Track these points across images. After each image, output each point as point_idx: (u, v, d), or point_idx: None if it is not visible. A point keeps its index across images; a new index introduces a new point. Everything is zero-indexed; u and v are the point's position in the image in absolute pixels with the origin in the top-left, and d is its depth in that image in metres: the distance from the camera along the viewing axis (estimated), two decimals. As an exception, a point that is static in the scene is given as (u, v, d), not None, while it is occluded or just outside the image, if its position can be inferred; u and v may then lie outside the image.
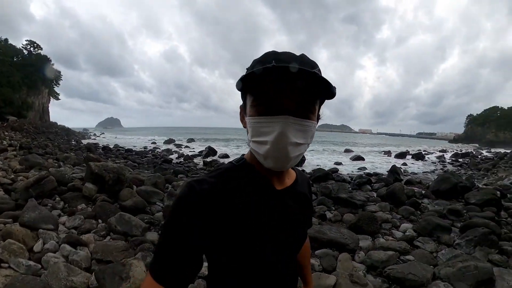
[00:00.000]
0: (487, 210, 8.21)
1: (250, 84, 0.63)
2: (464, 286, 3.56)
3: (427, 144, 68.05)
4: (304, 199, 0.87)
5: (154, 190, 6.56)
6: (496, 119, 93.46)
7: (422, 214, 7.77)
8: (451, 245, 5.50)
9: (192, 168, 15.32)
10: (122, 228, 4.35)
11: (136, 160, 16.67)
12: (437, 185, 11.10)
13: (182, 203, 0.65)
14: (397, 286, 3.56)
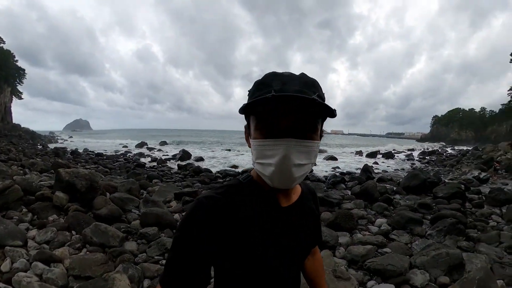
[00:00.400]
0: (454, 202, 8.73)
1: (252, 109, 0.67)
2: (438, 271, 3.77)
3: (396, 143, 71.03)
4: (310, 213, 0.88)
5: (129, 197, 6.28)
6: (458, 119, 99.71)
7: (395, 209, 8.11)
8: (423, 236, 5.80)
9: (166, 172, 14.90)
10: (98, 239, 4.08)
11: (107, 165, 15.80)
12: (407, 181, 11.66)
13: (192, 218, 0.68)
14: (378, 277, 3.70)
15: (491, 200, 9.61)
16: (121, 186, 7.14)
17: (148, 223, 4.92)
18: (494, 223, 7.19)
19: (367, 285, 3.54)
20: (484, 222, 7.11)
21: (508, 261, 4.74)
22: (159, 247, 4.16)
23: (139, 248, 4.27)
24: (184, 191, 7.76)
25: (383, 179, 14.16)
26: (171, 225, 5.09)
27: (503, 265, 4.49)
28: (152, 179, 11.23)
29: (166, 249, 4.07)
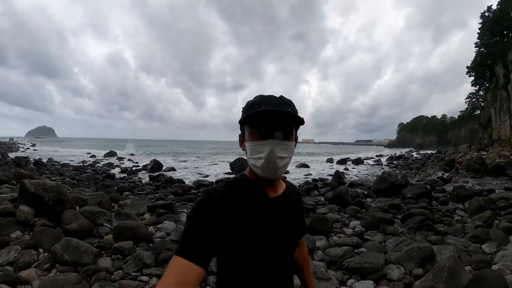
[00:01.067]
0: (421, 201, 9.18)
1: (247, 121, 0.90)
2: (412, 264, 3.94)
3: (365, 150, 73.59)
4: (294, 206, 1.07)
5: (100, 210, 5.91)
6: (422, 126, 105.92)
7: (367, 211, 8.36)
8: (395, 234, 6.04)
9: (137, 183, 14.20)
10: (70, 256, 3.74)
11: (74, 177, 14.76)
12: (377, 185, 12.12)
13: (202, 204, 0.85)
14: (357, 275, 3.80)
15: (455, 197, 10.24)
16: (91, 199, 6.75)
17: (122, 237, 4.62)
18: (458, 217, 7.65)
19: (347, 283, 3.61)
20: (449, 217, 7.55)
21: (473, 249, 5.09)
22: (135, 262, 3.89)
23: (114, 265, 3.99)
24: (158, 203, 7.51)
25: (354, 184, 14.59)
26: (146, 238, 4.81)
27: (469, 253, 4.81)
28: (123, 191, 10.74)
29: (144, 263, 3.83)
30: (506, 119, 30.35)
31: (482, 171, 17.75)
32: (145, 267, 3.80)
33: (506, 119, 30.45)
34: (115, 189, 10.76)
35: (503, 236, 5.54)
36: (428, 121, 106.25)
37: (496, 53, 33.07)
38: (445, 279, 3.17)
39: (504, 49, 31.17)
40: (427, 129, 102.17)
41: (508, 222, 6.44)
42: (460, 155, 28.44)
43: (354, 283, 3.52)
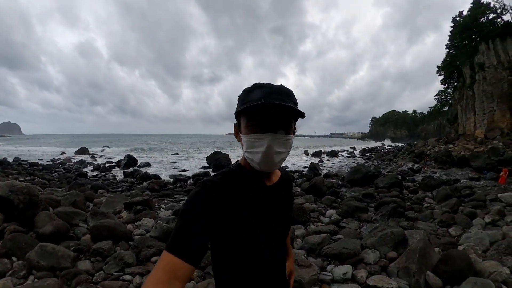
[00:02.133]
0: (393, 190, 9.61)
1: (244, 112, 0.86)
2: (386, 248, 4.16)
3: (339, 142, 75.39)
4: (287, 193, 1.08)
5: (74, 210, 5.59)
6: (394, 120, 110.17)
7: (342, 200, 8.63)
8: (370, 221, 6.34)
9: (111, 181, 13.78)
10: (47, 262, 3.53)
11: (45, 176, 13.96)
12: (351, 175, 12.55)
13: (197, 196, 0.83)
14: (336, 261, 3.95)
15: (424, 186, 10.83)
16: (64, 200, 6.40)
17: (100, 237, 4.41)
18: (427, 204, 8.11)
19: (327, 269, 3.74)
20: (419, 205, 7.99)
21: (441, 233, 5.47)
22: (116, 262, 3.73)
23: (94, 267, 3.80)
24: (135, 200, 7.29)
25: (329, 175, 15.01)
26: (125, 236, 4.65)
27: (438, 236, 5.18)
28: (97, 189, 10.38)
29: (125, 263, 3.70)
30: (471, 116, 32.78)
31: (449, 163, 18.84)
32: (127, 267, 3.69)
33: (471, 116, 32.89)
34: (89, 188, 10.38)
35: (467, 220, 6.00)
36: (400, 116, 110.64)
37: (464, 55, 35.75)
38: (417, 260, 3.38)
39: (472, 52, 33.89)
40: (398, 123, 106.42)
41: (471, 208, 6.98)
42: (428, 148, 30.02)
43: (334, 268, 3.65)
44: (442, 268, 3.32)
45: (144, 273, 3.55)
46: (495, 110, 29.86)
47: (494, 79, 30.24)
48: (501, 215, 6.33)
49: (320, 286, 3.31)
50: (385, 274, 3.60)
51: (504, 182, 11.46)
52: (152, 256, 3.98)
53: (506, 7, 33.89)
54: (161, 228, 4.63)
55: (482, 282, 2.99)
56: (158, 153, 36.92)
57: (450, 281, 3.21)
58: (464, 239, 4.78)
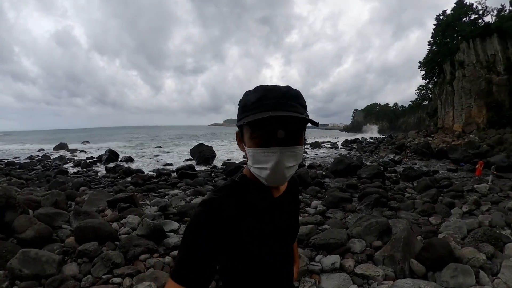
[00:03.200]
0: (375, 181, 9.89)
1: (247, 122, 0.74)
2: (372, 238, 4.29)
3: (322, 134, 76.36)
4: (295, 201, 1.03)
5: (56, 211, 5.39)
6: (375, 112, 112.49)
7: (327, 191, 8.80)
8: (354, 211, 6.50)
9: (93, 177, 13.51)
10: (30, 270, 3.32)
11: (22, 176, 13.40)
12: (334, 166, 12.81)
13: (197, 221, 0.75)
14: (324, 251, 4.03)
15: (405, 177, 11.17)
16: (45, 200, 6.08)
17: (85, 238, 4.24)
18: (409, 194, 8.41)
19: (315, 259, 3.82)
20: (401, 195, 8.25)
21: (422, 221, 5.71)
22: (104, 264, 3.60)
23: (81, 270, 3.66)
24: (118, 197, 7.07)
25: (313, 166, 15.25)
26: (111, 236, 4.50)
27: (419, 225, 5.40)
28: (78, 187, 10.11)
29: (113, 263, 3.59)
30: (450, 111, 34.40)
31: (428, 155, 19.51)
32: (115, 267, 3.59)
33: (449, 110, 34.49)
34: (70, 186, 10.10)
35: (446, 209, 6.29)
36: (381, 108, 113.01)
37: (445, 52, 37.29)
38: (401, 248, 3.52)
39: (453, 50, 35.49)
40: (380, 115, 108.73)
41: (450, 198, 7.31)
42: (409, 140, 30.98)
43: (322, 259, 3.74)
44: (424, 255, 3.47)
45: (133, 274, 3.46)
46: (472, 106, 31.39)
47: (472, 77, 31.80)
48: (477, 205, 6.69)
49: (310, 276, 3.38)
50: (371, 262, 3.73)
51: (480, 174, 12.00)
52: (140, 255, 3.91)
53: (487, 9, 35.88)
54: (147, 226, 4.54)
55: (461, 267, 3.17)
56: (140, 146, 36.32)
57: (432, 268, 3.37)
58: (444, 228, 5.00)
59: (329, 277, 3.34)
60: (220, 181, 11.69)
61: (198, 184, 10.78)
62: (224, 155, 23.76)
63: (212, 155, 19.18)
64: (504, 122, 28.05)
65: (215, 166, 17.13)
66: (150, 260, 3.85)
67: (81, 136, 70.38)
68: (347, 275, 3.35)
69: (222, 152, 26.01)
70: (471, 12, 37.06)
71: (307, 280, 3.20)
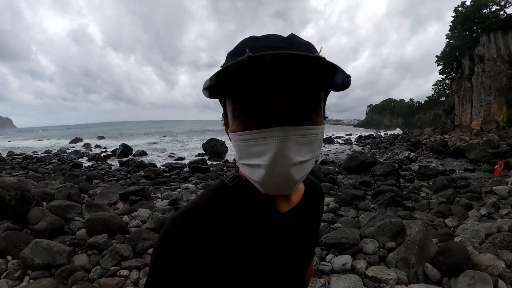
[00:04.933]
0: (390, 179, 9.65)
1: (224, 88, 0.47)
2: (385, 238, 4.16)
3: (335, 129, 75.65)
4: (314, 216, 0.72)
5: (69, 203, 5.46)
6: (390, 108, 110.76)
7: (340, 188, 8.67)
8: (367, 209, 6.34)
9: (107, 170, 13.76)
10: (42, 259, 3.42)
11: (39, 169, 13.66)
12: (348, 163, 12.61)
13: (166, 244, 0.52)
14: (335, 250, 3.94)
15: (420, 175, 10.87)
16: (59, 193, 6.28)
17: (95, 230, 4.34)
18: (424, 194, 8.17)
19: (326, 259, 3.74)
20: (416, 194, 8.03)
21: (438, 223, 5.51)
22: (113, 256, 3.69)
23: (91, 261, 3.75)
24: (130, 190, 7.17)
25: (326, 162, 15.09)
26: (121, 229, 4.60)
27: (435, 227, 5.21)
28: (92, 180, 10.33)
29: (121, 256, 3.69)
30: (468, 108, 33.09)
31: (445, 153, 18.95)
32: (123, 260, 3.67)
33: (467, 107, 33.19)
34: (84, 179, 10.33)
35: (463, 211, 6.06)
36: (396, 104, 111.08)
37: (464, 46, 35.67)
38: (416, 251, 3.39)
39: (472, 44, 33.87)
40: (395, 111, 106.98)
41: (467, 199, 7.05)
42: (425, 137, 30.17)
43: (333, 259, 3.65)
44: (440, 260, 3.32)
45: (141, 267, 3.52)
46: (492, 103, 30.08)
47: (493, 72, 30.35)
48: (496, 208, 6.40)
49: (319, 276, 3.31)
50: (384, 264, 3.62)
51: (499, 175, 11.56)
52: (149, 248, 3.95)
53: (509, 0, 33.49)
54: (157, 219, 4.61)
55: (479, 275, 3.01)
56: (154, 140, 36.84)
57: (448, 273, 3.22)
58: (460, 231, 4.80)
59: (339, 278, 3.25)
60: (231, 175, 11.80)
61: (209, 178, 10.88)
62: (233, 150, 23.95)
63: (224, 150, 19.21)
64: None
65: (227, 161, 17.21)
66: None
67: (97, 131, 72.33)
68: (358, 277, 3.25)
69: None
70: (492, 3, 34.64)
71: (317, 281, 3.13)
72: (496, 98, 29.86)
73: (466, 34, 37.13)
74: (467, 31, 37.08)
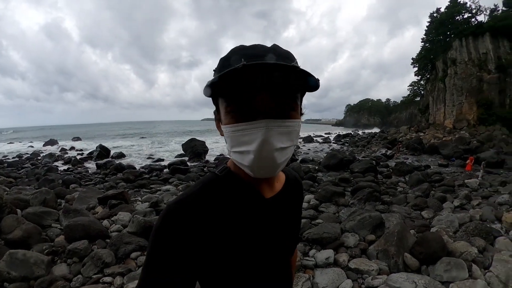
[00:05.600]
0: (368, 175, 9.93)
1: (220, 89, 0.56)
2: (365, 231, 4.29)
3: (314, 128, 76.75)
4: (295, 204, 0.81)
5: (45, 210, 5.24)
6: (368, 107, 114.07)
7: (320, 185, 8.84)
8: (347, 205, 6.51)
9: (84, 174, 13.32)
10: (18, 272, 3.23)
11: (11, 174, 13.00)
12: (327, 161, 12.88)
13: (162, 231, 0.58)
14: (317, 245, 4.01)
15: (397, 171, 11.26)
16: (33, 199, 5.93)
17: (75, 236, 4.15)
18: (401, 189, 8.48)
19: (309, 254, 3.79)
20: (393, 189, 8.32)
21: (414, 216, 5.75)
22: (94, 263, 3.52)
23: (71, 270, 3.57)
24: (109, 193, 6.92)
25: (306, 160, 15.33)
26: (102, 234, 4.42)
27: (412, 219, 5.44)
28: (69, 184, 9.94)
29: (104, 262, 3.53)
30: (441, 107, 35.02)
31: (420, 150, 19.77)
32: (106, 267, 3.53)
33: (441, 107, 35.13)
34: (60, 183, 9.92)
35: (438, 204, 6.36)
36: (374, 104, 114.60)
37: (438, 49, 37.95)
38: (395, 243, 3.52)
39: (445, 47, 36.23)
40: (372, 111, 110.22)
41: (441, 192, 7.42)
42: (401, 135, 31.32)
43: (316, 253, 3.71)
44: (418, 249, 3.47)
45: (124, 273, 3.41)
46: (463, 103, 32.01)
47: (464, 74, 32.45)
48: (468, 199, 6.78)
49: (304, 271, 3.35)
50: (365, 256, 3.73)
51: (470, 169, 12.21)
52: (131, 253, 3.84)
53: (481, 8, 36.64)
54: (138, 223, 4.46)
55: (454, 261, 3.18)
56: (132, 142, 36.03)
57: (426, 262, 3.37)
58: (436, 222, 5.04)
59: (323, 272, 3.31)
60: (210, 176, 11.69)
61: (190, 179, 10.74)
62: (216, 150, 23.68)
63: (204, 150, 18.98)
64: (493, 119, 28.68)
65: (208, 161, 17.05)
66: (142, 258, 3.77)
67: (72, 132, 69.23)
68: (341, 270, 3.32)
69: (214, 147, 25.99)
70: (465, 10, 37.51)
71: (301, 276, 3.17)
72: (467, 99, 31.78)
73: (440, 38, 39.57)
74: (441, 36, 39.54)
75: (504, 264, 3.08)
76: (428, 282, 2.90)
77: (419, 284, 2.84)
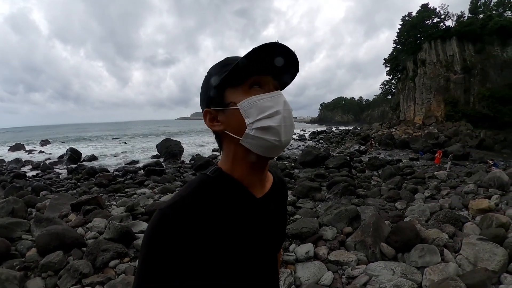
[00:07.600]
0: (342, 170, 10.21)
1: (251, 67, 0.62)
2: (342, 224, 4.43)
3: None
4: (282, 203, 0.84)
5: (14, 220, 4.92)
6: (342, 105, 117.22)
7: (296, 181, 8.97)
8: (324, 200, 6.68)
9: (55, 180, 12.71)
10: None
11: None
12: (302, 157, 13.13)
13: (156, 236, 0.57)
14: (297, 240, 4.09)
15: (370, 166, 11.64)
16: (0, 209, 5.61)
17: (48, 248, 3.85)
18: (375, 182, 8.78)
19: (289, 249, 3.85)
20: (367, 183, 8.60)
21: (389, 207, 6.01)
22: (71, 275, 3.29)
23: (47, 284, 3.32)
24: (82, 199, 6.57)
25: (282, 157, 15.47)
26: (77, 242, 4.14)
27: (386, 210, 5.69)
28: (39, 191, 9.43)
29: (81, 273, 3.32)
30: (411, 105, 37.50)
31: (392, 145, 20.60)
32: (84, 277, 3.32)
33: (411, 104, 37.60)
34: (29, 191, 9.38)
35: (410, 195, 6.69)
36: (347, 102, 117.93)
37: (409, 51, 40.51)
38: (371, 233, 3.66)
39: (415, 49, 39.01)
40: (346, 109, 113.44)
41: (413, 184, 7.82)
42: (373, 132, 32.52)
43: (296, 248, 3.78)
44: (393, 238, 3.63)
45: (104, 282, 3.22)
46: (432, 101, 34.32)
47: (433, 74, 34.97)
48: (437, 190, 7.19)
49: (285, 267, 3.40)
50: (343, 248, 3.85)
51: (439, 162, 12.89)
52: (110, 261, 3.66)
53: (449, 14, 39.61)
54: (115, 228, 4.23)
55: (428, 247, 3.38)
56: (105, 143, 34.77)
57: (401, 249, 3.55)
58: (409, 212, 5.30)
59: (304, 266, 3.38)
60: (189, 177, 11.42)
61: (166, 180, 10.50)
62: (192, 150, 23.35)
63: (180, 150, 18.55)
64: (459, 116, 30.86)
65: (183, 162, 16.75)
66: (121, 266, 3.57)
67: (40, 134, 65.26)
68: (321, 263, 3.41)
69: (190, 147, 25.60)
70: (434, 15, 40.21)
71: (283, 271, 3.21)
72: (435, 97, 34.04)
73: (411, 40, 41.96)
74: (412, 38, 41.93)
75: (472, 247, 3.29)
76: (405, 268, 3.06)
77: (396, 271, 2.98)
